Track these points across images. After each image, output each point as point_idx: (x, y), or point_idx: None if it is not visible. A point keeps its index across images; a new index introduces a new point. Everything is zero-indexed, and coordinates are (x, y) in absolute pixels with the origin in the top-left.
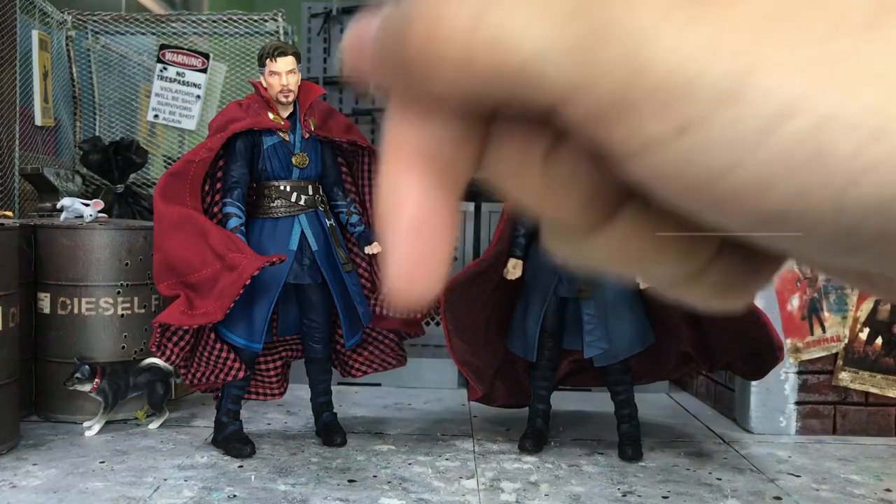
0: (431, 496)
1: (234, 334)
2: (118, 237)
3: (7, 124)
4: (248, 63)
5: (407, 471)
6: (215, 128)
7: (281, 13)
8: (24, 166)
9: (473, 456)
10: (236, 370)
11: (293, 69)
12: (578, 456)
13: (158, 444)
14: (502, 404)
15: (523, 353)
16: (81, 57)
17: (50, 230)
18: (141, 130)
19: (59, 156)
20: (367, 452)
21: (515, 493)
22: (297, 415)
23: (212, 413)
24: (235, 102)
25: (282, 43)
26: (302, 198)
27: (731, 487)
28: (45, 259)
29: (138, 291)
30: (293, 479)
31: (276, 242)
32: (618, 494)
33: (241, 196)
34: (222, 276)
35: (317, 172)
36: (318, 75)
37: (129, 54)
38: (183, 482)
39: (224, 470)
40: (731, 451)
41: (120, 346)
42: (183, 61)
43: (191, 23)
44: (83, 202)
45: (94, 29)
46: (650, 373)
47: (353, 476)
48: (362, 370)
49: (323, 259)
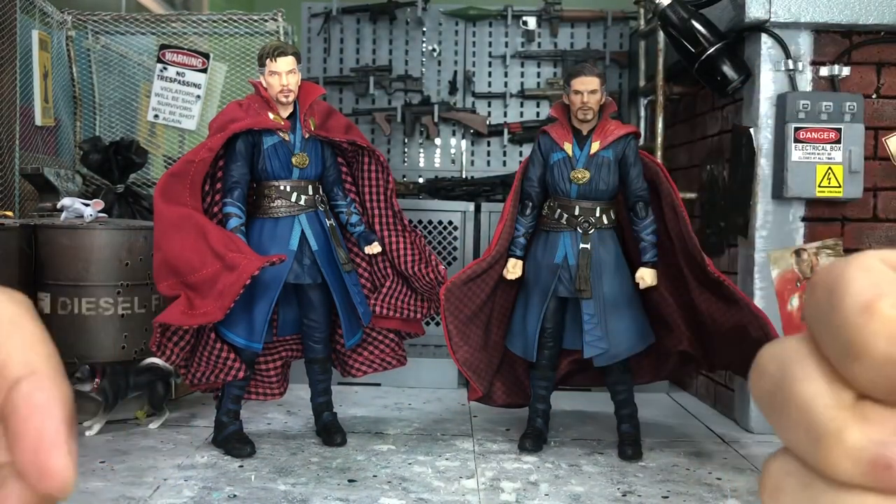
0: (431, 496)
1: (235, 334)
2: (118, 237)
3: (7, 124)
4: (248, 63)
5: (407, 471)
6: (215, 128)
7: (281, 13)
8: (25, 166)
9: (473, 456)
10: (236, 370)
11: (293, 69)
12: (578, 456)
13: (158, 444)
14: (502, 404)
15: (523, 352)
16: (81, 57)
17: (50, 230)
18: (141, 130)
19: (60, 156)
20: (367, 452)
21: (515, 492)
22: (297, 415)
23: (212, 413)
24: (235, 102)
25: (282, 43)
26: (302, 198)
27: (731, 487)
28: (45, 259)
29: (138, 291)
30: (293, 478)
31: (276, 242)
32: (618, 494)
33: (241, 196)
34: (222, 275)
35: (317, 172)
36: (318, 75)
37: (129, 54)
38: (183, 482)
39: (224, 470)
40: (731, 451)
41: (120, 346)
42: (183, 61)
43: (191, 23)
44: (83, 202)
45: (95, 29)
46: (650, 373)
47: (353, 476)
48: (362, 370)
49: (323, 259)
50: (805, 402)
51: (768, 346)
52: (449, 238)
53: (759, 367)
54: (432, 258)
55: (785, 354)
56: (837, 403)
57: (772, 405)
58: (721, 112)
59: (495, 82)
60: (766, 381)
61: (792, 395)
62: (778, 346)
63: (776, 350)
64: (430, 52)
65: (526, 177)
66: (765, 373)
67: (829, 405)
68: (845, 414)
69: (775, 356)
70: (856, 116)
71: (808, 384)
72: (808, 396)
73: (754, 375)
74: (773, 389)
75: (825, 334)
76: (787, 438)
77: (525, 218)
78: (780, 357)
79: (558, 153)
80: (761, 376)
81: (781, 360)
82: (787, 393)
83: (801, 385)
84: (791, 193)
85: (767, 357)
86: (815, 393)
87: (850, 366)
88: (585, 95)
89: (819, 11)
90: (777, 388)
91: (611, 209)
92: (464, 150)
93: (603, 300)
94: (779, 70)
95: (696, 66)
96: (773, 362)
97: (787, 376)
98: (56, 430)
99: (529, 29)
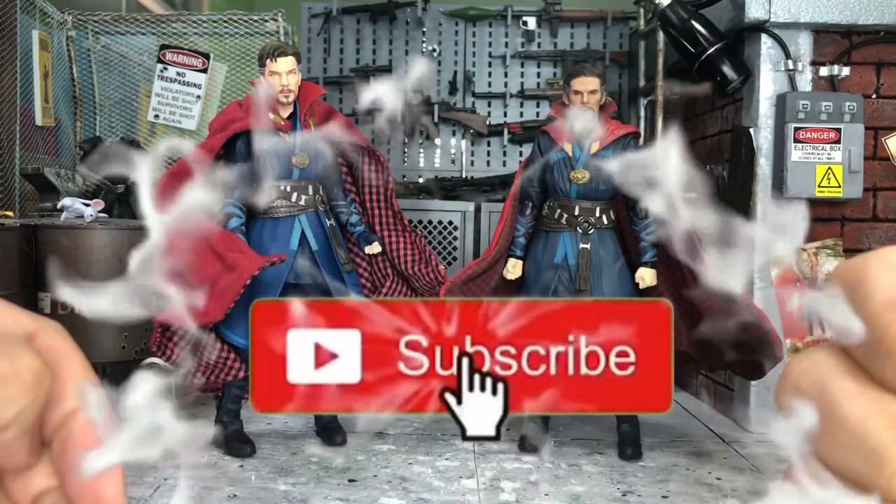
0: (431, 496)
1: (235, 334)
2: (119, 237)
3: (7, 124)
4: (248, 63)
5: (407, 470)
6: (215, 128)
7: (281, 13)
8: (25, 166)
9: (473, 456)
10: (237, 370)
11: (293, 69)
12: (578, 456)
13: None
14: None
15: None
16: (82, 57)
17: (50, 230)
18: (141, 130)
19: (60, 156)
20: (367, 452)
21: (515, 492)
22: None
23: (212, 413)
24: (235, 103)
25: (282, 43)
26: (302, 198)
27: (730, 487)
28: (45, 259)
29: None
30: (293, 478)
31: (276, 242)
32: (617, 494)
33: (241, 196)
34: (222, 276)
35: (317, 173)
36: (318, 75)
37: (130, 54)
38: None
39: (224, 470)
40: (731, 451)
41: (120, 345)
42: (183, 61)
43: (191, 23)
44: (83, 202)
45: (95, 29)
46: None
47: (354, 476)
48: None
49: (323, 259)
50: (856, 426)
51: (794, 360)
52: (449, 238)
53: (790, 384)
54: (432, 258)
55: (818, 371)
56: (892, 423)
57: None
58: (721, 112)
59: (495, 82)
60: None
61: (839, 418)
62: (807, 361)
63: (806, 365)
64: (429, 52)
65: (526, 177)
66: (798, 389)
67: (884, 427)
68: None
69: (807, 372)
70: (855, 116)
71: (856, 405)
72: (858, 419)
73: (783, 392)
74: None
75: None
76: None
77: (525, 218)
78: (813, 374)
79: (558, 153)
80: (794, 393)
81: (816, 377)
82: (833, 415)
83: (848, 406)
84: (791, 193)
85: (798, 373)
86: (865, 414)
87: (881, 364)
88: (585, 96)
89: (819, 12)
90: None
91: (610, 209)
92: (464, 150)
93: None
94: (778, 70)
95: (696, 67)
96: (806, 379)
97: (829, 396)
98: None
99: (529, 29)
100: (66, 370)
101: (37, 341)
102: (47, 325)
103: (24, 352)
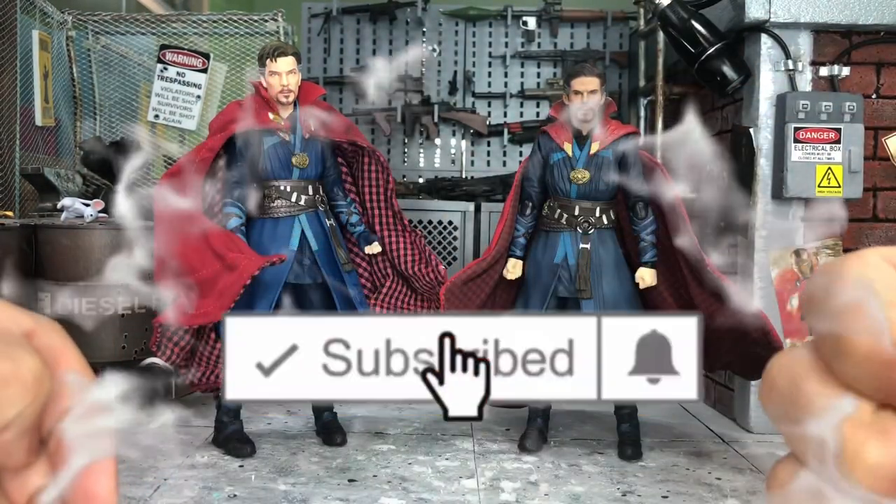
0: (431, 496)
1: None
2: (119, 237)
3: (7, 124)
4: (248, 63)
5: (407, 470)
6: (215, 128)
7: (281, 13)
8: (25, 166)
9: (473, 456)
10: None
11: (293, 69)
12: (578, 456)
13: (158, 444)
14: (502, 404)
15: None
16: (82, 57)
17: (50, 230)
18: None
19: (60, 156)
20: (367, 452)
21: (515, 492)
22: (297, 415)
23: (212, 413)
24: (235, 102)
25: (282, 43)
26: (302, 198)
27: (730, 487)
28: (45, 259)
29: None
30: (293, 478)
31: (276, 242)
32: (617, 494)
33: (241, 196)
34: (222, 276)
35: (317, 173)
36: (318, 75)
37: (130, 54)
38: (183, 482)
39: (224, 470)
40: (731, 451)
41: (120, 345)
42: (183, 61)
43: (191, 23)
44: (83, 202)
45: (95, 29)
46: None
47: (354, 476)
48: None
49: (323, 259)
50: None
51: (777, 357)
52: (449, 238)
53: (770, 380)
54: (432, 258)
55: (795, 367)
56: (855, 420)
57: (785, 418)
58: (721, 112)
59: (495, 82)
60: (777, 395)
61: (807, 411)
62: (786, 357)
63: (785, 361)
64: (430, 52)
65: (526, 177)
66: (774, 385)
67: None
68: (864, 430)
69: (784, 368)
70: (855, 116)
71: (824, 400)
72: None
73: (764, 387)
74: (785, 403)
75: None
76: (802, 451)
77: (525, 218)
78: (790, 370)
79: (558, 153)
80: (771, 388)
81: (792, 373)
82: (802, 409)
83: (816, 401)
84: (791, 193)
85: (777, 369)
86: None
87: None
88: (585, 95)
89: (819, 12)
90: (790, 403)
91: (610, 209)
92: (464, 150)
93: (602, 300)
94: (778, 70)
95: (696, 67)
96: (783, 375)
97: (801, 391)
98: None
99: (529, 29)
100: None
101: (35, 340)
102: (45, 324)
103: (25, 352)
